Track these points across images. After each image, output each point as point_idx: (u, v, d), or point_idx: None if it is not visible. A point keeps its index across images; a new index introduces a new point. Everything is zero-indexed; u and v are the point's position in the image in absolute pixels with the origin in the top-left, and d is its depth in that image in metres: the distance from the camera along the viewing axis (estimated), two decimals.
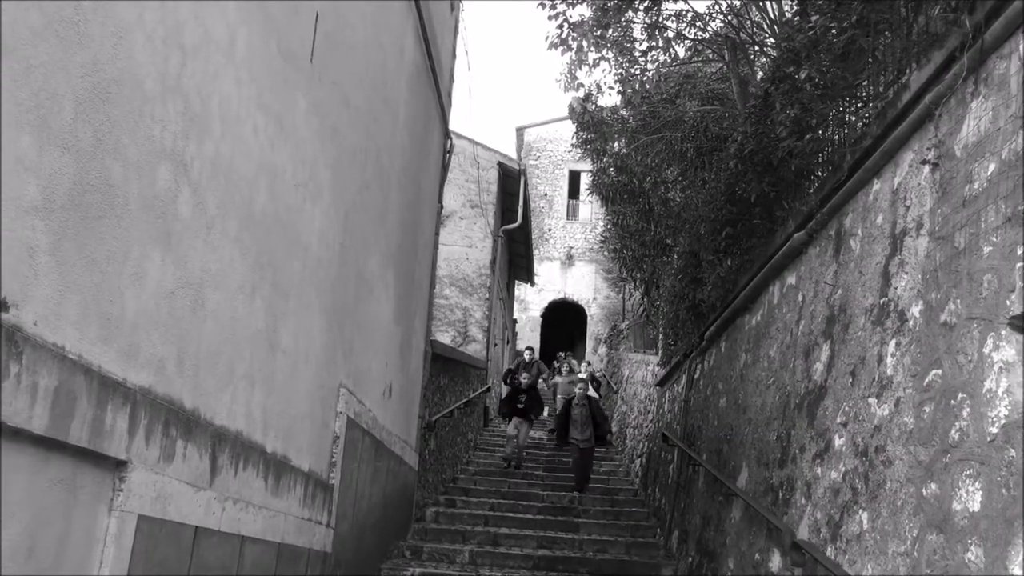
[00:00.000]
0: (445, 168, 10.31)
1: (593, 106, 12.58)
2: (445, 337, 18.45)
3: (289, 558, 4.83)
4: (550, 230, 35.07)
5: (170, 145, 3.21)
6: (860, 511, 3.94)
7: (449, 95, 10.27)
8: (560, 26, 10.80)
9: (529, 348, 14.84)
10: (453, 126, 11.28)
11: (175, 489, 3.33)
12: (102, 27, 2.69)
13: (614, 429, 16.12)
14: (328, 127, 5.25)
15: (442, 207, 10.46)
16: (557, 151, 35.01)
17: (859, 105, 4.79)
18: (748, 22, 11.39)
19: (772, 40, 9.58)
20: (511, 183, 19.89)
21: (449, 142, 10.37)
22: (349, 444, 5.99)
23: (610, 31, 11.47)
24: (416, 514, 9.54)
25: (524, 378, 13.02)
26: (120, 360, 2.92)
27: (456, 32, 10.63)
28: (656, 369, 12.87)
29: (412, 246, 8.44)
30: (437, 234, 10.27)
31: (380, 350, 7.13)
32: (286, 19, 4.43)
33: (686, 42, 12.34)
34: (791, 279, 5.80)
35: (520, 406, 12.97)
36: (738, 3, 11.24)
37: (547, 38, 10.99)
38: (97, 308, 2.76)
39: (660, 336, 12.83)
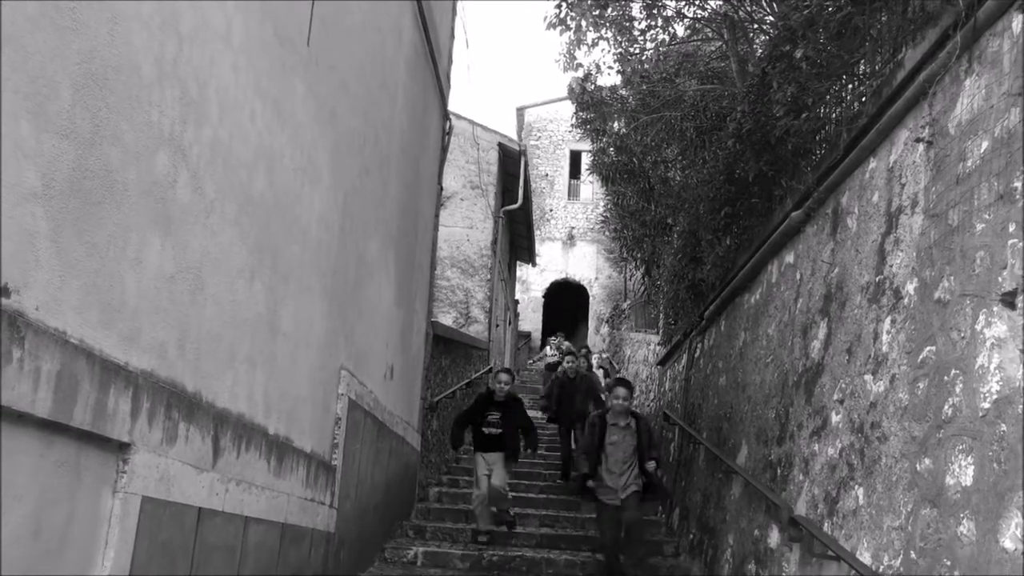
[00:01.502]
0: (445, 150, 10.32)
1: (592, 86, 12.57)
2: (447, 318, 18.49)
3: (293, 538, 4.89)
4: (551, 210, 35.07)
5: (168, 131, 3.23)
6: (856, 486, 3.99)
7: (448, 77, 10.27)
8: (558, 5, 10.79)
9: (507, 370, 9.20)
10: (453, 107, 11.27)
11: (178, 471, 3.37)
12: (98, 14, 2.71)
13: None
14: (326, 111, 5.26)
15: (442, 189, 10.48)
16: (558, 131, 34.94)
17: (856, 83, 4.80)
18: (747, 0, 11.37)
19: (771, 18, 9.56)
20: (511, 164, 19.87)
21: (448, 124, 10.37)
22: (351, 425, 6.04)
23: (609, 10, 11.45)
24: (419, 494, 9.61)
25: (501, 385, 8.51)
26: (121, 344, 2.95)
27: (455, 13, 10.60)
28: (657, 348, 12.91)
29: (412, 228, 8.47)
30: (437, 216, 10.29)
31: (381, 332, 7.17)
32: (283, 4, 4.43)
33: (685, 21, 12.31)
34: (789, 258, 5.83)
35: (490, 432, 8.33)
36: None
37: (545, 18, 10.97)
38: (98, 293, 2.79)
39: (661, 316, 12.86)
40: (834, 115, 5.11)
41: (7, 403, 2.27)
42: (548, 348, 15.41)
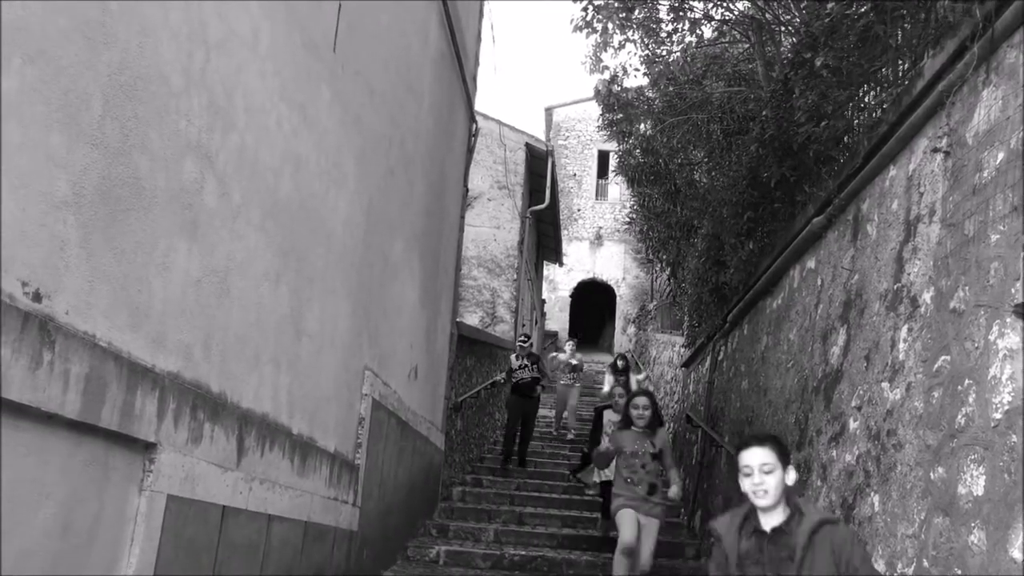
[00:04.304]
0: (470, 151, 10.39)
1: (619, 88, 12.58)
2: (473, 318, 18.57)
3: (316, 536, 4.97)
4: (579, 210, 35.04)
5: (195, 138, 3.31)
6: (872, 493, 4.01)
7: (474, 78, 10.33)
8: (584, 8, 10.81)
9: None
10: (481, 108, 11.34)
11: (203, 470, 3.45)
12: (128, 27, 2.80)
13: None
14: (352, 116, 5.34)
15: (467, 190, 10.55)
16: (586, 131, 34.87)
17: (877, 90, 4.80)
18: (774, 2, 11.33)
19: (798, 20, 9.53)
20: (539, 164, 19.90)
21: (474, 125, 10.43)
22: (374, 425, 6.12)
23: (636, 12, 11.45)
24: (443, 493, 9.69)
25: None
26: (149, 347, 3.04)
27: (481, 15, 10.67)
28: (682, 350, 12.92)
29: (438, 229, 8.54)
30: (463, 217, 10.35)
31: (405, 332, 7.25)
32: (309, 11, 4.51)
33: (713, 23, 12.29)
34: (811, 263, 5.84)
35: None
36: None
37: (571, 20, 11.00)
38: (126, 297, 2.88)
39: (685, 318, 12.87)
40: (856, 122, 5.12)
41: (37, 404, 2.36)
42: (561, 355, 14.32)
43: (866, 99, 4.97)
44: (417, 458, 7.94)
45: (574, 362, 13.90)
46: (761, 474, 3.12)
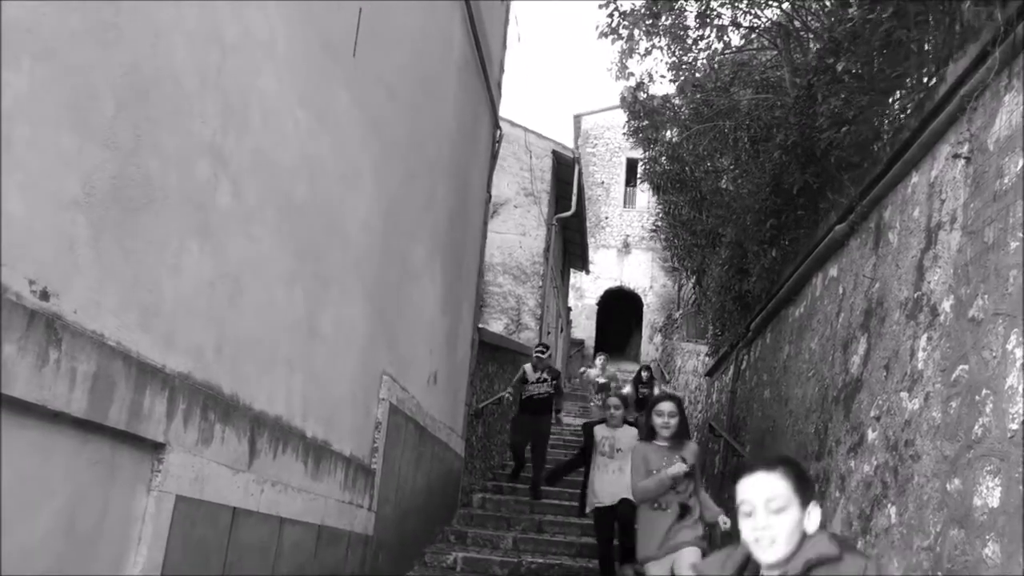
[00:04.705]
0: (494, 157, 10.39)
1: (645, 95, 12.55)
2: (498, 325, 18.55)
3: (330, 539, 4.97)
4: (607, 218, 34.98)
5: (209, 140, 3.32)
6: (889, 505, 3.94)
7: (499, 85, 10.34)
8: (610, 15, 10.80)
9: None
10: (508, 115, 11.35)
11: (213, 471, 3.45)
12: (141, 29, 2.81)
13: None
14: (371, 119, 5.35)
15: (491, 196, 10.54)
16: (614, 139, 34.78)
17: (900, 96, 4.75)
18: (802, 9, 11.26)
19: (821, 26, 9.46)
20: (565, 171, 19.87)
21: (499, 132, 10.44)
22: (392, 430, 6.12)
23: (663, 19, 11.43)
24: (462, 499, 9.67)
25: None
26: (159, 347, 3.05)
27: (507, 22, 10.67)
28: (705, 359, 12.84)
29: (460, 235, 8.54)
30: (486, 223, 10.35)
31: (425, 337, 7.25)
32: (328, 16, 4.53)
33: (740, 30, 12.24)
34: (833, 271, 5.77)
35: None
36: None
37: (597, 27, 10.99)
38: (136, 297, 2.88)
39: (709, 326, 12.79)
40: (878, 128, 5.06)
41: (43, 402, 2.37)
42: (592, 370, 13.07)
43: (889, 105, 4.91)
44: (436, 464, 7.93)
45: (602, 380, 12.04)
46: (768, 514, 2.21)
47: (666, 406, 5.52)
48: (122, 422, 2.78)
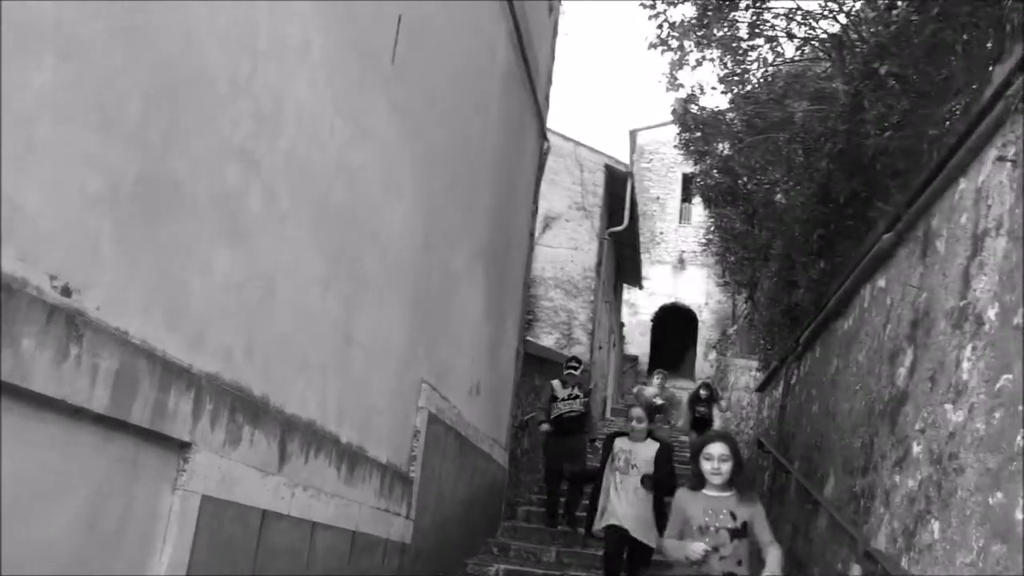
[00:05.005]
0: (541, 169, 10.37)
1: (696, 107, 12.44)
2: (549, 339, 18.48)
3: (365, 546, 4.95)
4: (662, 233, 34.71)
5: (240, 143, 3.34)
6: (932, 520, 3.81)
7: (547, 97, 10.33)
8: (659, 26, 10.74)
9: None
10: (563, 130, 11.31)
11: (241, 472, 3.45)
12: (172, 31, 2.83)
13: None
14: (411, 127, 5.36)
15: (537, 208, 10.52)
16: (670, 154, 34.43)
17: (946, 99, 4.62)
18: (858, 20, 11.07)
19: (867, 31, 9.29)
20: (618, 185, 19.73)
21: (546, 144, 10.42)
22: (431, 439, 6.10)
23: (714, 30, 11.33)
24: (507, 512, 9.61)
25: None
26: (185, 347, 3.06)
27: (555, 35, 10.67)
28: (756, 374, 12.63)
29: (504, 246, 8.52)
30: (532, 235, 10.33)
31: (467, 347, 7.23)
32: (366, 23, 4.54)
33: (795, 40, 12.08)
34: (881, 282, 5.63)
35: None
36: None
37: (646, 38, 10.94)
38: (162, 296, 2.90)
39: (760, 341, 12.58)
40: (925, 133, 4.92)
41: (63, 397, 2.38)
42: (647, 389, 11.72)
43: (935, 109, 4.78)
44: (478, 475, 7.89)
45: (659, 402, 10.74)
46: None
47: (716, 448, 4.56)
48: (146, 420, 2.78)
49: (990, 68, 4.11)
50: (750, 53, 11.41)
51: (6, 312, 2.14)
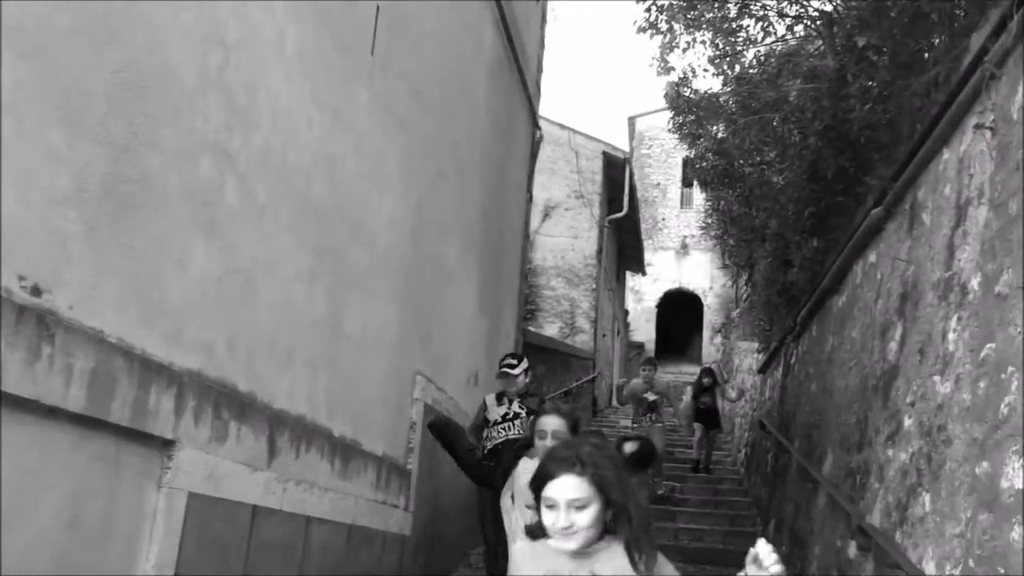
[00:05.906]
0: (534, 157, 10.35)
1: (688, 90, 12.38)
2: (552, 329, 18.47)
3: (361, 539, 4.95)
4: (664, 219, 34.62)
5: (212, 138, 3.32)
6: (924, 493, 3.80)
7: (538, 85, 10.30)
8: (648, 8, 10.68)
9: None
10: (561, 118, 11.28)
11: (229, 469, 3.45)
12: (136, 28, 2.81)
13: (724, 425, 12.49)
14: (394, 118, 5.34)
15: (532, 197, 10.49)
16: (669, 140, 34.18)
17: (925, 69, 4.59)
18: None
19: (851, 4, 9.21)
20: (616, 172, 19.69)
21: (538, 132, 10.39)
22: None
23: (704, 12, 11.25)
24: None
25: None
26: (164, 344, 3.05)
27: (544, 21, 10.64)
28: (758, 356, 12.61)
29: (498, 236, 8.51)
30: (528, 224, 10.31)
31: (463, 337, 7.22)
32: (341, 14, 4.52)
33: (786, 20, 12.00)
34: (872, 257, 5.61)
35: None
36: None
37: (635, 22, 10.89)
38: (137, 293, 2.89)
39: (759, 322, 12.55)
40: (906, 105, 4.89)
41: (36, 397, 2.37)
42: (636, 382, 9.87)
43: (914, 79, 4.75)
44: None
45: (652, 398, 9.60)
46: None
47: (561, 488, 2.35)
48: (125, 419, 2.77)
49: (968, 37, 4.07)
50: (740, 33, 11.33)
51: None
